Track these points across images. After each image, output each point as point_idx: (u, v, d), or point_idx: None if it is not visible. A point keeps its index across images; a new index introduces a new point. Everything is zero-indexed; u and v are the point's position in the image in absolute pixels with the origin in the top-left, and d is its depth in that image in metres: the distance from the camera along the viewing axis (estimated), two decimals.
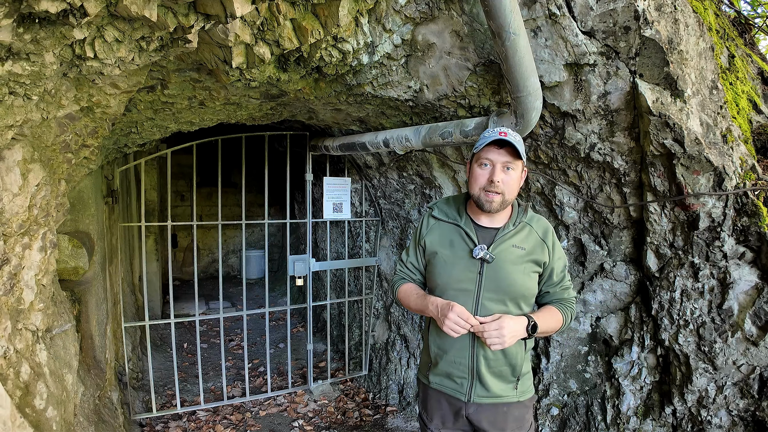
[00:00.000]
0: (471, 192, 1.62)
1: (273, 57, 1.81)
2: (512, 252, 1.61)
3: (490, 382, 1.64)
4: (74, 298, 2.46)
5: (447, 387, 1.71)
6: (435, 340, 1.73)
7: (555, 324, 1.65)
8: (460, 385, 1.67)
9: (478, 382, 1.65)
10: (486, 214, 1.63)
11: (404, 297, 1.78)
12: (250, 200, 8.16)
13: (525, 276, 1.62)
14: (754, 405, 1.87)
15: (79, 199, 2.59)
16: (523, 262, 1.62)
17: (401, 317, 3.84)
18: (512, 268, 1.60)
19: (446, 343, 1.68)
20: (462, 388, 1.67)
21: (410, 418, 3.50)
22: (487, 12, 1.58)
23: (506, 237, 1.63)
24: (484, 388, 1.64)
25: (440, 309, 1.56)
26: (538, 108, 1.88)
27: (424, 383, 1.80)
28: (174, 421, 3.44)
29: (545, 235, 1.66)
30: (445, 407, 1.72)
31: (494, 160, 1.54)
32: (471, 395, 1.66)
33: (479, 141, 1.58)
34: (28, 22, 1.11)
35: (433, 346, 1.74)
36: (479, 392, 1.65)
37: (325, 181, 3.83)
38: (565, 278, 1.70)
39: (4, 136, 1.36)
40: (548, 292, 1.69)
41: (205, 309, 6.11)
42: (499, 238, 1.62)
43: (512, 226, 1.64)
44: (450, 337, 1.64)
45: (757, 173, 1.92)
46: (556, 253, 1.66)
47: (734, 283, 1.90)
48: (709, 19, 2.06)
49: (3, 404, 1.46)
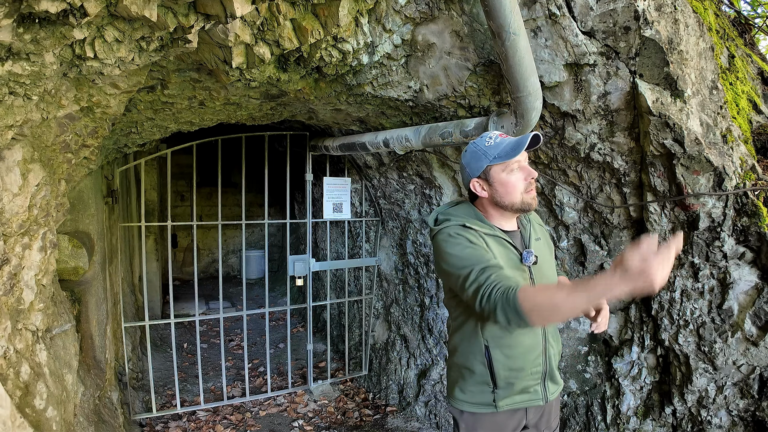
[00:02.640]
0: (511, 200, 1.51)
1: (273, 57, 1.81)
2: (539, 246, 1.64)
3: (556, 376, 1.66)
4: (74, 298, 2.46)
5: (523, 402, 1.59)
6: (502, 361, 1.53)
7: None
8: (536, 392, 1.60)
9: (549, 380, 1.63)
10: (505, 216, 1.59)
11: (543, 300, 1.24)
12: (250, 200, 8.16)
13: (554, 262, 1.69)
14: (754, 405, 1.87)
15: (79, 199, 2.59)
16: (548, 251, 1.68)
17: (401, 317, 3.84)
18: (550, 261, 1.66)
19: (520, 360, 1.53)
20: (537, 394, 1.60)
21: (410, 418, 3.50)
22: (487, 12, 1.58)
23: (530, 234, 1.65)
24: (553, 383, 1.65)
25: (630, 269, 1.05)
26: (538, 108, 1.88)
27: (488, 413, 1.59)
28: (174, 421, 3.44)
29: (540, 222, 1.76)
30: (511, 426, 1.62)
31: (521, 160, 1.53)
32: (547, 395, 1.63)
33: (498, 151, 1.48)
34: (28, 22, 1.11)
35: (501, 370, 1.54)
36: (551, 389, 1.65)
37: (325, 181, 3.82)
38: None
39: (4, 136, 1.36)
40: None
41: (205, 309, 6.11)
42: (527, 237, 1.63)
43: (526, 222, 1.67)
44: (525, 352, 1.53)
45: (757, 173, 1.92)
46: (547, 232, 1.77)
47: (734, 283, 1.90)
48: (709, 19, 2.06)
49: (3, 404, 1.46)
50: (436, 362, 3.51)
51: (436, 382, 3.46)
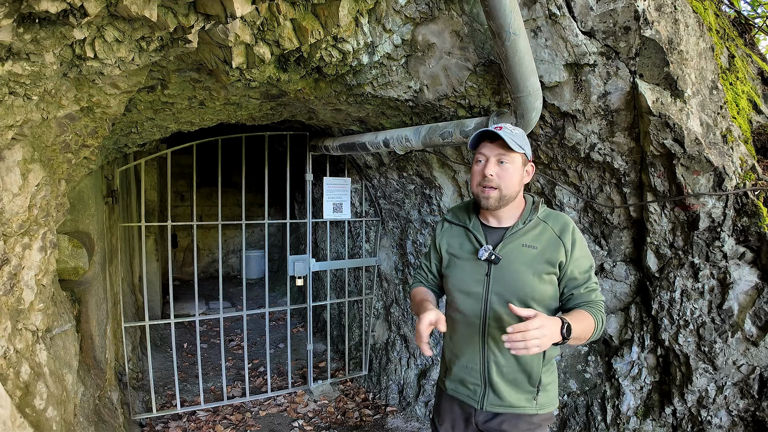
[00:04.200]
0: (472, 191, 1.57)
1: (273, 57, 1.81)
2: (522, 252, 1.52)
3: (503, 390, 1.57)
4: (74, 298, 2.46)
5: (461, 393, 1.66)
6: (448, 344, 1.70)
7: (588, 327, 1.45)
8: (473, 391, 1.62)
9: (490, 389, 1.58)
10: (493, 213, 1.58)
11: (412, 300, 1.75)
12: (250, 200, 8.16)
13: (536, 277, 1.50)
14: (754, 405, 1.87)
15: (79, 199, 2.59)
16: (535, 262, 1.51)
17: (401, 317, 3.84)
18: (521, 269, 1.51)
19: (457, 347, 1.65)
20: (475, 395, 1.61)
21: (410, 418, 3.50)
22: (487, 12, 1.58)
23: (515, 236, 1.54)
24: (497, 396, 1.57)
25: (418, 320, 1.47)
26: (538, 108, 1.88)
27: (441, 389, 1.77)
28: (174, 421, 3.44)
29: (562, 232, 1.53)
30: (457, 412, 1.69)
31: (487, 154, 1.51)
32: (483, 403, 1.59)
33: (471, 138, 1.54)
34: (28, 22, 1.11)
35: (447, 352, 1.71)
36: (492, 400, 1.58)
37: (325, 181, 3.82)
38: (590, 279, 1.53)
39: (4, 136, 1.36)
40: (573, 295, 1.53)
41: (205, 309, 6.11)
42: (507, 237, 1.55)
43: (522, 224, 1.55)
44: (461, 341, 1.61)
45: (757, 173, 1.92)
46: (576, 251, 1.51)
47: (734, 283, 1.90)
48: (709, 19, 2.06)
49: (3, 404, 1.46)
50: (436, 362, 3.51)
51: (436, 382, 3.46)
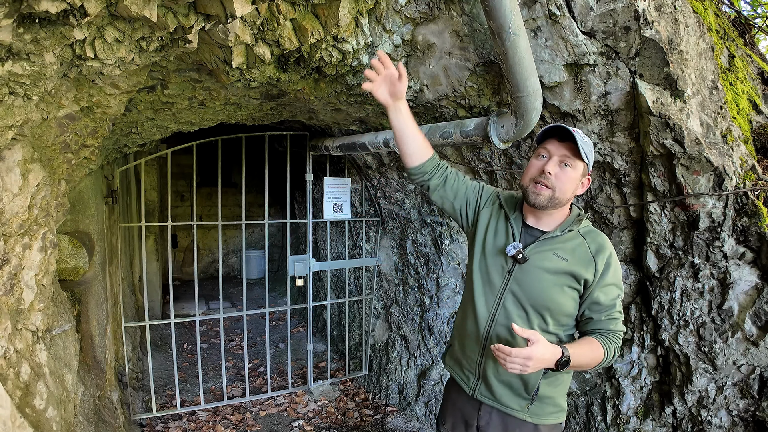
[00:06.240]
0: (521, 183, 1.51)
1: (273, 57, 1.81)
2: (551, 259, 1.47)
3: (495, 387, 1.57)
4: (74, 298, 2.46)
5: (456, 373, 1.71)
6: (458, 324, 1.72)
7: (594, 359, 1.43)
8: (467, 377, 1.66)
9: (483, 382, 1.61)
10: (535, 213, 1.52)
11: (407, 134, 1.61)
12: (250, 200, 8.16)
13: (557, 288, 1.45)
14: (754, 405, 1.87)
15: (79, 199, 2.59)
16: (560, 273, 1.45)
17: (401, 317, 3.84)
18: (544, 276, 1.46)
19: (463, 332, 1.67)
20: (468, 381, 1.66)
21: (410, 418, 3.50)
22: (487, 12, 1.58)
23: (549, 242, 1.49)
24: (488, 389, 1.60)
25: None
26: (538, 108, 1.88)
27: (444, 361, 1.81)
28: (174, 421, 3.44)
29: (598, 252, 1.46)
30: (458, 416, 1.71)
31: (552, 152, 1.44)
32: (475, 391, 1.63)
33: (540, 130, 1.49)
34: (28, 22, 1.11)
35: (455, 330, 1.74)
36: (483, 392, 1.61)
37: (325, 182, 3.83)
38: (614, 308, 1.47)
39: (4, 136, 1.36)
40: (591, 319, 1.48)
41: (205, 309, 6.11)
42: (540, 240, 1.50)
43: (560, 232, 1.49)
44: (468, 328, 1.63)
45: (757, 173, 1.92)
46: (607, 276, 1.45)
47: (734, 283, 1.90)
48: (709, 20, 2.06)
49: (3, 404, 1.46)
50: (436, 362, 3.51)
51: (436, 382, 3.46)
